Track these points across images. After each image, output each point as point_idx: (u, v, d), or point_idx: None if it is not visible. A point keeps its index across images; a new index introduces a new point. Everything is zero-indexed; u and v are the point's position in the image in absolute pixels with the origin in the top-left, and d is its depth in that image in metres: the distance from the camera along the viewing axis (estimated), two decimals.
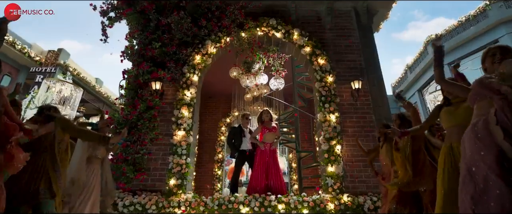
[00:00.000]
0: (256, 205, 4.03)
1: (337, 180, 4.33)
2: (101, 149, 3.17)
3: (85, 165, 3.00)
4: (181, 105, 4.76)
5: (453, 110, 2.23)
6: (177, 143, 4.53)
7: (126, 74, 4.86)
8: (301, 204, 4.05)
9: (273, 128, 4.87)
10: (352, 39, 5.53)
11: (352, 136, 4.73)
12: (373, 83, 5.14)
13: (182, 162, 4.42)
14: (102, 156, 3.23)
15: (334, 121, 4.70)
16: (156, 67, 4.87)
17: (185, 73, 4.98)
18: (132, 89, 4.79)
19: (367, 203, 4.08)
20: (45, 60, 12.67)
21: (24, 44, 11.84)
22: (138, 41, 5.11)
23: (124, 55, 4.96)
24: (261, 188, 4.42)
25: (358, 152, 4.62)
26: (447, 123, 2.25)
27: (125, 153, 4.33)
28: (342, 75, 5.19)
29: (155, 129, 4.60)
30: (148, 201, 4.05)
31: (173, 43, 5.00)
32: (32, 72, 12.25)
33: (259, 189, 4.40)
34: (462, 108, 2.19)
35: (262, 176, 4.55)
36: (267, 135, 4.81)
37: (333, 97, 4.86)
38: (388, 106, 5.08)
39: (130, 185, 4.25)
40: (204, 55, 5.17)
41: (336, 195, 4.20)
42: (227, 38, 5.32)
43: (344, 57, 5.37)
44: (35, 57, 12.38)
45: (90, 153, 3.08)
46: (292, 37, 5.36)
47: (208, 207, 4.03)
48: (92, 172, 3.07)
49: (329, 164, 4.43)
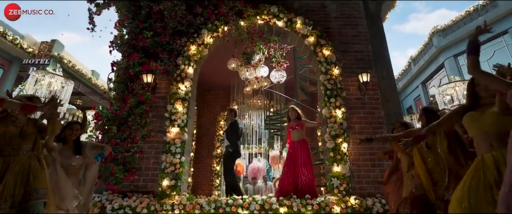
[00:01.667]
0: (256, 209, 3.72)
1: (344, 180, 4.01)
2: (74, 157, 2.83)
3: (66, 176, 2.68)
4: (175, 100, 4.41)
5: (479, 116, 1.85)
6: (170, 141, 4.19)
7: (115, 66, 4.49)
8: (304, 207, 3.74)
9: (297, 125, 4.56)
10: (359, 28, 5.14)
11: (359, 133, 4.40)
12: (382, 76, 4.79)
13: (176, 161, 4.09)
14: (79, 165, 2.88)
15: (340, 116, 4.35)
16: (147, 58, 4.50)
17: (179, 65, 4.61)
18: (121, 82, 4.43)
19: (376, 206, 3.77)
20: (38, 51, 12.29)
21: (15, 35, 11.44)
22: (128, 30, 4.72)
23: (113, 45, 4.58)
24: (289, 190, 4.13)
25: (366, 150, 4.30)
26: (473, 131, 1.88)
27: (114, 151, 3.99)
28: (349, 67, 4.82)
29: (147, 125, 4.26)
30: (138, 203, 3.74)
31: (166, 33, 4.62)
32: (25, 64, 11.89)
33: (287, 191, 4.11)
34: (488, 113, 1.80)
35: (290, 178, 4.29)
36: (293, 134, 4.56)
37: (339, 91, 4.51)
38: (399, 100, 4.73)
39: (120, 186, 3.94)
40: (200, 46, 4.79)
41: (342, 197, 3.88)
42: (225, 27, 4.93)
43: (351, 47, 4.99)
44: (28, 49, 12.00)
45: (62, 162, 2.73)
46: (295, 26, 4.97)
47: (204, 210, 3.73)
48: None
49: (335, 163, 4.11)
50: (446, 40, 12.54)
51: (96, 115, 4.13)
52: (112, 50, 4.59)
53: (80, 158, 2.88)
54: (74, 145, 2.91)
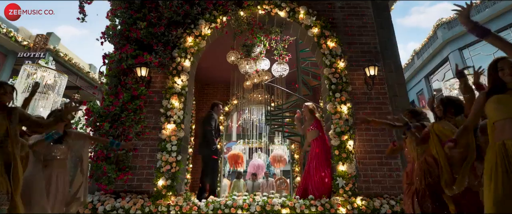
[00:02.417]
0: (256, 210, 3.51)
1: (349, 180, 3.79)
2: (58, 147, 2.58)
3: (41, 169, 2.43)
4: (171, 95, 4.16)
5: (507, 99, 1.74)
6: (166, 138, 3.96)
7: (107, 59, 4.23)
8: (308, 208, 3.53)
9: (312, 125, 4.29)
10: (365, 18, 4.86)
11: (366, 129, 4.17)
12: (389, 69, 4.51)
13: (172, 160, 3.86)
14: (64, 155, 2.63)
15: (345, 112, 4.11)
16: (141, 50, 4.23)
17: (175, 57, 4.35)
18: (114, 76, 4.18)
19: (384, 208, 3.56)
20: (33, 45, 12.00)
21: (10, 28, 11.13)
22: (121, 21, 4.44)
23: (104, 36, 4.31)
24: (298, 192, 4.00)
25: (373, 148, 4.08)
26: (499, 115, 1.76)
27: (106, 149, 3.76)
28: (355, 60, 4.56)
29: (141, 121, 4.02)
30: (132, 205, 3.52)
31: (161, 23, 4.35)
32: (20, 57, 11.63)
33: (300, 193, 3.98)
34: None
35: (302, 179, 4.16)
36: (309, 135, 4.32)
37: (345, 86, 4.25)
38: (407, 95, 4.48)
39: (112, 186, 3.72)
40: (197, 37, 4.53)
41: (348, 197, 3.67)
42: (223, 18, 4.65)
43: (357, 39, 4.71)
44: (23, 42, 11.71)
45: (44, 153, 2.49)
46: (298, 17, 4.69)
47: (201, 211, 3.51)
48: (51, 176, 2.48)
49: (340, 162, 3.88)
50: (451, 33, 12.21)
51: (87, 111, 3.89)
52: (104, 41, 4.32)
53: (64, 148, 2.63)
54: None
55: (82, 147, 2.95)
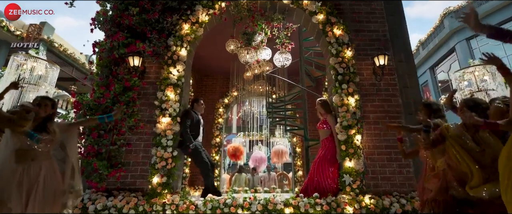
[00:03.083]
0: (258, 209, 3.29)
1: (357, 177, 3.55)
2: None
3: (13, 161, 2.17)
4: (166, 86, 3.89)
5: None
6: (161, 132, 3.71)
7: (97, 47, 3.94)
8: (313, 207, 3.30)
9: (322, 123, 4.00)
10: (374, 4, 4.54)
11: (374, 123, 3.91)
12: (399, 59, 4.22)
13: (167, 156, 3.62)
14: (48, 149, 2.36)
15: (353, 105, 3.84)
16: (134, 38, 3.94)
17: (171, 46, 4.06)
18: (105, 66, 3.90)
19: (394, 207, 3.33)
20: (26, 34, 11.66)
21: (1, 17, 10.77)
22: (112, 6, 4.14)
23: (95, 23, 4.01)
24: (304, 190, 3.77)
25: (381, 143, 3.83)
26: None
27: (97, 145, 3.52)
28: (362, 49, 4.26)
29: (134, 114, 3.76)
30: (125, 203, 3.29)
31: (155, 9, 4.04)
32: (13, 48, 11.31)
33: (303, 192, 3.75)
34: None
35: (307, 179, 3.92)
36: (320, 133, 4.03)
37: (352, 76, 3.97)
38: (419, 87, 4.20)
39: (104, 184, 3.49)
40: (194, 24, 4.22)
41: (355, 196, 3.44)
42: (222, 3, 4.34)
43: (365, 26, 4.41)
44: (16, 32, 11.37)
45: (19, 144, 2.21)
46: (302, 2, 4.38)
47: (199, 210, 3.29)
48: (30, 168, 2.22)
49: (347, 157, 3.63)
50: (459, 22, 11.78)
51: (75, 103, 3.62)
52: (94, 28, 4.02)
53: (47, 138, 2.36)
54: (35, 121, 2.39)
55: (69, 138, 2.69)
